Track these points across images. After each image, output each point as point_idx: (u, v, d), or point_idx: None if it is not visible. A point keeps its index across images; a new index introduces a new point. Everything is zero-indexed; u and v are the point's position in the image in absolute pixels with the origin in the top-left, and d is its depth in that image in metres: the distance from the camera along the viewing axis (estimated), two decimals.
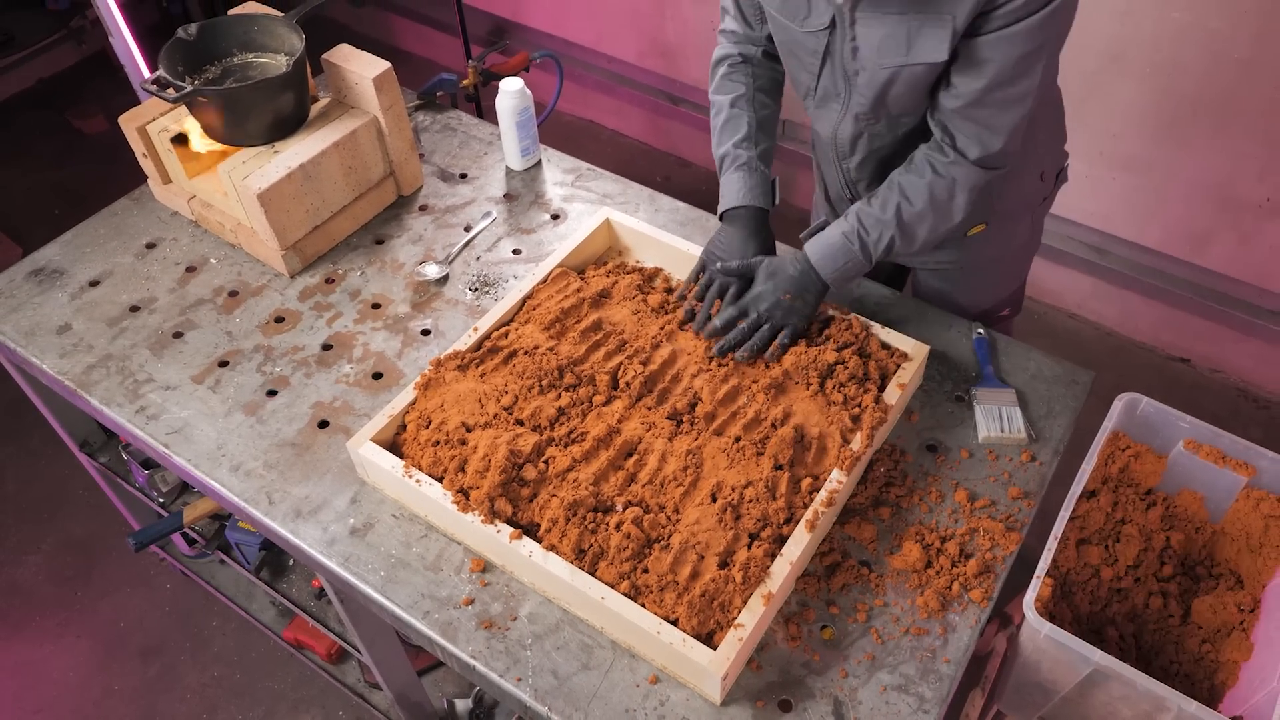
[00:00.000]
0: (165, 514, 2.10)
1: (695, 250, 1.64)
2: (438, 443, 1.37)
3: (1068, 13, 1.23)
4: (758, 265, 1.50)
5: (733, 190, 1.55)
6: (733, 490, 1.31)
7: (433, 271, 1.74)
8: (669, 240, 1.67)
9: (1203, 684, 1.47)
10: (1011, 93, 1.28)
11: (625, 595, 1.21)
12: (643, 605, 1.21)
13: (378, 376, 1.58)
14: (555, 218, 1.87)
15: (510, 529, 1.27)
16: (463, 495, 1.31)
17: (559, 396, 1.43)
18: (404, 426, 1.42)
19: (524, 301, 1.58)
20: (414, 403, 1.43)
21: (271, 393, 1.56)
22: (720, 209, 1.57)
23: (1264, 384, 2.86)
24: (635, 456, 1.37)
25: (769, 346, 1.48)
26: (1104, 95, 2.54)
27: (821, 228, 1.49)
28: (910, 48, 1.28)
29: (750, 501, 1.30)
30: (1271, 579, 1.50)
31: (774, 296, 1.46)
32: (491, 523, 1.28)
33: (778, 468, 1.34)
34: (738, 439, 1.37)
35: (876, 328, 1.52)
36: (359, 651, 1.78)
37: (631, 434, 1.39)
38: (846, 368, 1.45)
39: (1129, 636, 1.53)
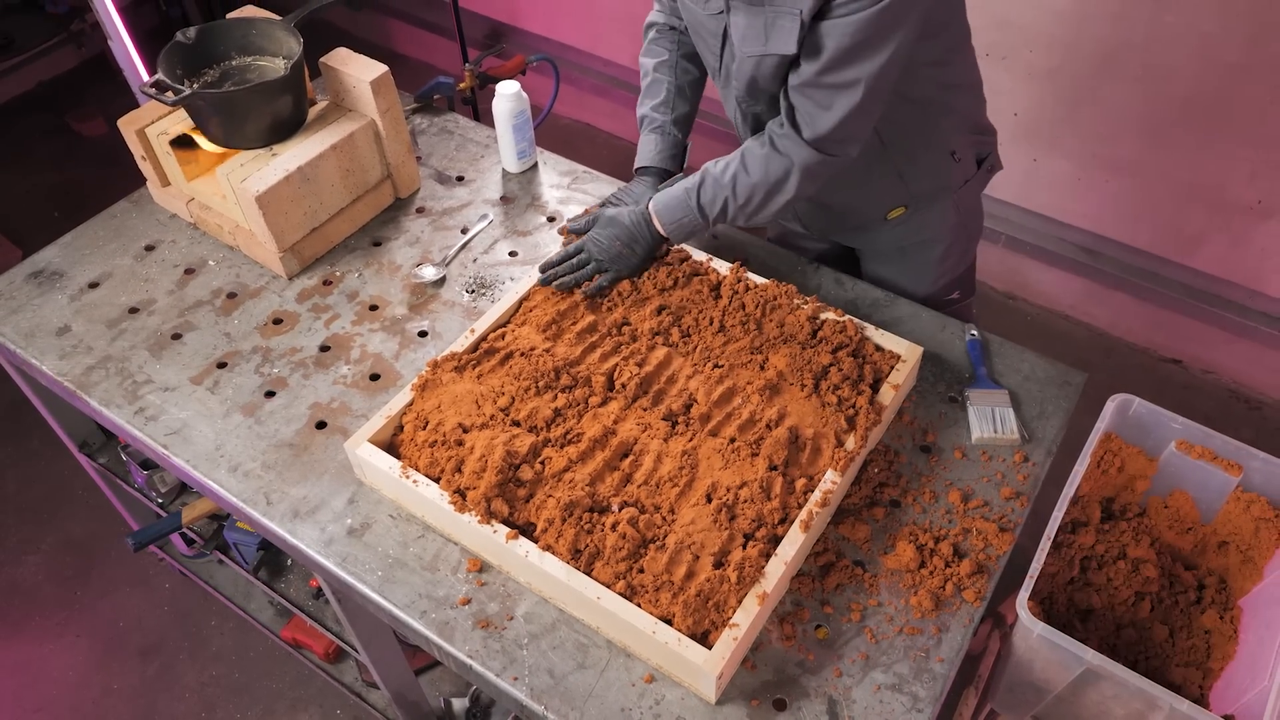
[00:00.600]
0: (164, 514, 2.10)
1: (689, 251, 1.66)
2: (434, 443, 1.38)
3: (903, 9, 1.25)
4: (601, 214, 1.61)
5: (645, 151, 1.70)
6: (728, 491, 1.32)
7: (430, 273, 1.75)
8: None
9: (1193, 684, 1.48)
10: (843, 77, 1.32)
11: (621, 595, 1.22)
12: (638, 605, 1.22)
13: (375, 378, 1.59)
14: (551, 220, 1.87)
15: (506, 529, 1.28)
16: (459, 496, 1.32)
17: (555, 398, 1.43)
18: (401, 428, 1.43)
19: (520, 303, 1.59)
20: (411, 404, 1.44)
21: (270, 394, 1.57)
22: (635, 166, 1.71)
23: (1255, 385, 2.87)
24: (631, 457, 1.38)
25: (582, 283, 1.58)
26: (1096, 98, 2.56)
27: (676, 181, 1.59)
28: (767, 39, 1.35)
29: (745, 502, 1.31)
30: (1260, 581, 1.51)
31: (605, 241, 1.57)
32: (488, 523, 1.29)
33: (772, 468, 1.35)
34: (733, 440, 1.38)
35: (870, 329, 1.53)
36: (356, 651, 1.79)
37: (627, 435, 1.40)
38: (841, 369, 1.46)
39: (1121, 636, 1.54)
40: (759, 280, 1.60)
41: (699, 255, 1.66)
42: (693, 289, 1.60)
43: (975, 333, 1.62)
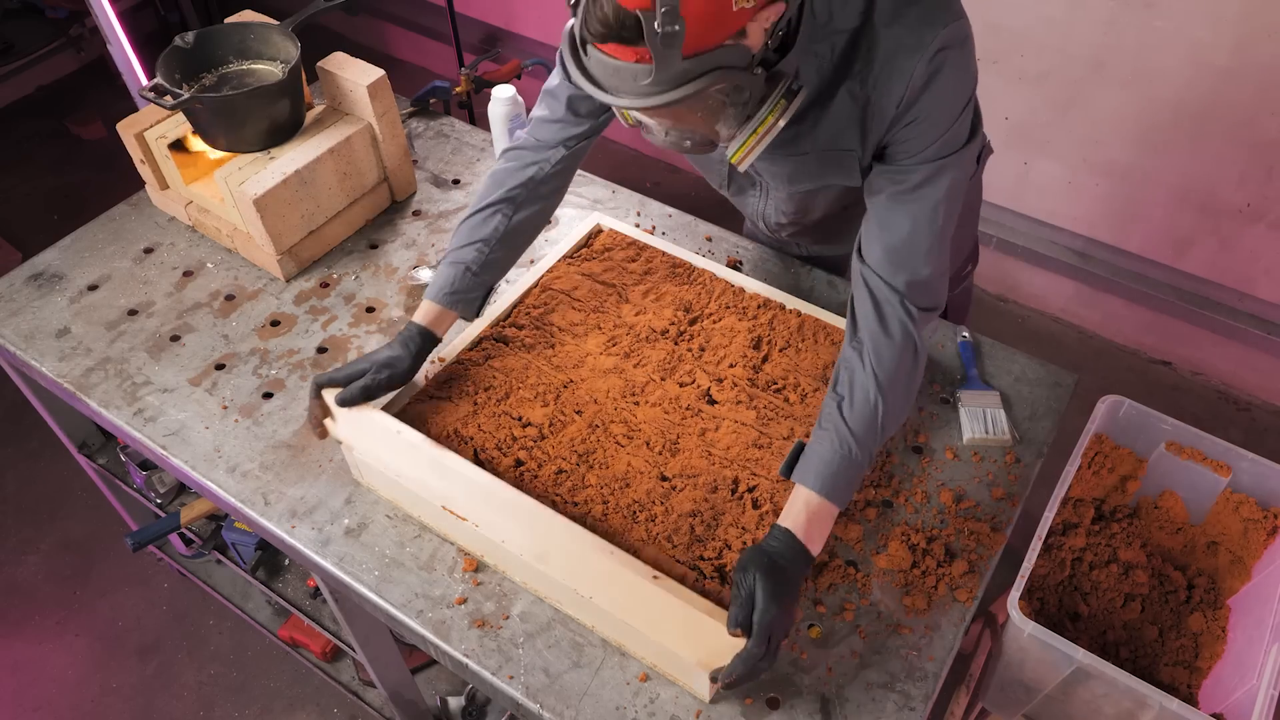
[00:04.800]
0: (163, 514, 2.11)
1: (683, 254, 1.67)
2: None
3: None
4: (751, 581, 1.14)
5: (439, 285, 1.42)
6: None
7: (426, 276, 1.76)
8: (657, 244, 1.70)
9: (1182, 683, 1.49)
10: (935, 225, 1.21)
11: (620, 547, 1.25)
12: (635, 553, 1.25)
13: None
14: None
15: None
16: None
17: (548, 403, 1.45)
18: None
19: (515, 306, 1.60)
20: (409, 405, 1.45)
21: (268, 395, 1.58)
22: (426, 296, 1.44)
23: (1244, 386, 2.88)
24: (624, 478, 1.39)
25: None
26: (1087, 102, 2.58)
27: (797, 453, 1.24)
28: (821, 175, 1.31)
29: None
30: (1249, 581, 1.52)
31: (783, 615, 1.13)
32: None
33: None
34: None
35: None
36: (353, 650, 1.80)
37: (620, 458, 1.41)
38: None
39: (1111, 635, 1.55)
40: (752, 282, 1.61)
41: (694, 258, 1.67)
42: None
43: (966, 334, 1.63)
